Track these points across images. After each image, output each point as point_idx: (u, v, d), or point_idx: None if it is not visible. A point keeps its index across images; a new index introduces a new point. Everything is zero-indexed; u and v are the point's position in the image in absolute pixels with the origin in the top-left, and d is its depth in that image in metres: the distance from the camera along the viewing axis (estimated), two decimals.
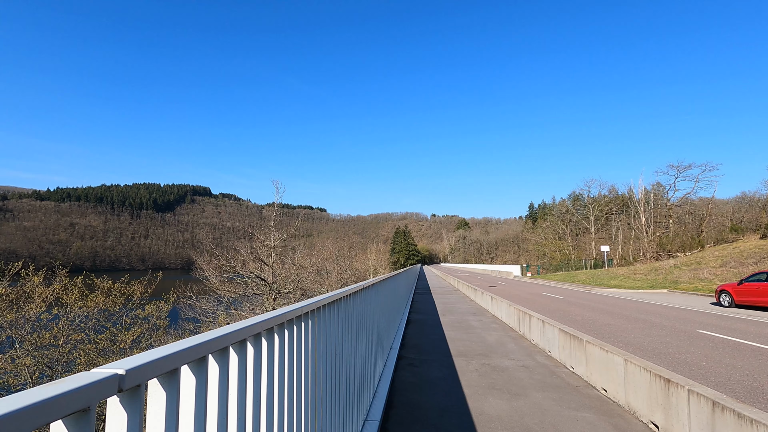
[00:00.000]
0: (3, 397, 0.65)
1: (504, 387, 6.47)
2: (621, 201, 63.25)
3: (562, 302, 19.97)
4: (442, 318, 14.59)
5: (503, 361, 8.16)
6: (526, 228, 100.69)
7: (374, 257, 51.57)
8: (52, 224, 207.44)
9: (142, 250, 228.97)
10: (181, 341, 1.09)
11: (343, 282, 29.09)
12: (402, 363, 7.98)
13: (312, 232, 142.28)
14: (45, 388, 0.70)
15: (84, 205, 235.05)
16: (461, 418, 5.20)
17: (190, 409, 1.09)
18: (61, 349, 10.49)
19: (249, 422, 1.43)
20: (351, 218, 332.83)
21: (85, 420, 0.74)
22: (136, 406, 0.88)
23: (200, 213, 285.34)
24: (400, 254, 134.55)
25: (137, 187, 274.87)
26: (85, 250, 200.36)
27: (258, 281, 19.88)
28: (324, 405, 2.54)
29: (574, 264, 57.56)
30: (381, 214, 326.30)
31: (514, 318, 12.10)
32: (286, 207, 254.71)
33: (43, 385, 0.72)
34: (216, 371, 1.23)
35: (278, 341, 1.75)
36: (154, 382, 0.98)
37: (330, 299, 2.75)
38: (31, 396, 0.65)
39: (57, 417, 0.69)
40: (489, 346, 9.74)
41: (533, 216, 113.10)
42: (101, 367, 0.84)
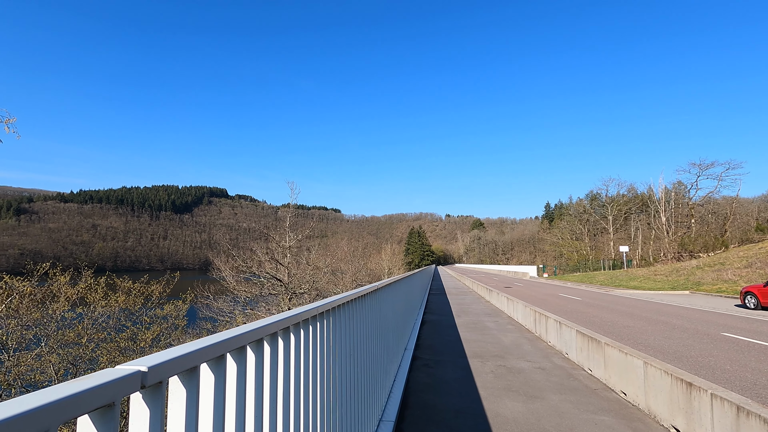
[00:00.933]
0: (31, 392, 0.68)
1: (520, 389, 6.40)
2: (640, 200, 61.88)
3: (579, 303, 19.64)
4: (457, 319, 14.51)
5: (519, 363, 8.08)
6: (543, 228, 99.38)
7: (388, 258, 51.57)
8: (75, 226, 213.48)
9: (161, 250, 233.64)
10: (200, 340, 1.12)
11: (357, 282, 29.17)
12: (417, 364, 7.97)
13: (327, 232, 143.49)
14: (72, 383, 0.73)
15: (105, 206, 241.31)
16: (476, 419, 5.17)
17: (209, 406, 1.12)
18: (84, 347, 10.79)
19: (266, 420, 1.45)
20: (365, 219, 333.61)
21: (109, 415, 0.77)
22: (158, 402, 0.90)
23: (217, 214, 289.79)
24: (414, 255, 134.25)
25: (156, 189, 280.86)
26: (106, 251, 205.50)
27: (274, 281, 20.09)
28: (339, 404, 2.56)
29: (592, 265, 56.54)
30: (395, 215, 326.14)
31: (530, 319, 11.96)
32: (301, 208, 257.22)
33: (69, 381, 0.75)
34: (234, 369, 1.26)
35: (294, 341, 1.77)
36: (175, 379, 1.01)
37: (345, 299, 2.77)
38: (59, 391, 0.68)
39: (83, 411, 0.72)
40: (505, 347, 9.64)
41: (549, 216, 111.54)
42: (125, 363, 0.87)
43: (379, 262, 48.64)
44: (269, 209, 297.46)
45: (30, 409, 0.60)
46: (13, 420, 0.58)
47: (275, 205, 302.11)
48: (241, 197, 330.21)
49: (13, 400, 0.63)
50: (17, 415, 0.58)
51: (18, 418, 0.58)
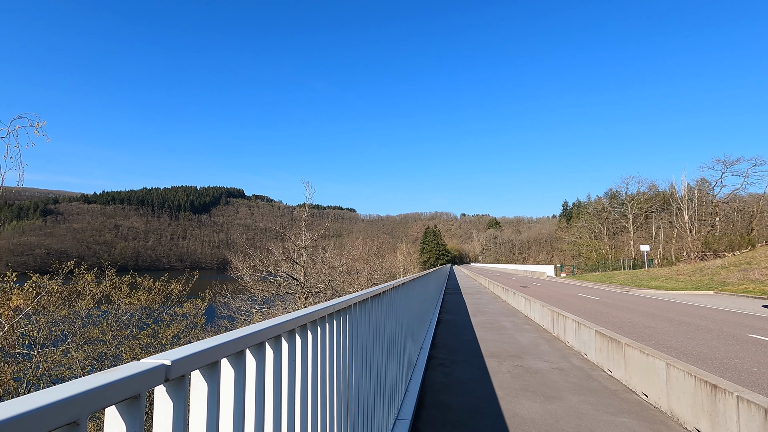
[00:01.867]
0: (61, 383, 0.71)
1: (538, 389, 6.33)
2: (662, 198, 60.34)
3: (598, 303, 19.28)
4: (473, 318, 14.41)
5: (537, 363, 7.98)
6: (560, 227, 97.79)
7: (404, 257, 51.49)
8: (98, 226, 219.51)
9: (181, 250, 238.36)
10: (221, 335, 1.15)
11: (372, 281, 29.23)
12: (432, 363, 7.95)
13: (342, 232, 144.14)
14: (100, 375, 0.75)
15: (127, 207, 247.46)
16: (493, 419, 5.13)
17: (230, 400, 1.14)
18: (108, 344, 11.09)
19: (284, 414, 1.47)
20: (380, 218, 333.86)
21: (135, 406, 0.80)
22: (181, 395, 0.93)
23: (234, 214, 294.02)
24: (429, 254, 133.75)
25: (175, 190, 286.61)
26: (128, 251, 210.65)
27: (290, 280, 20.29)
28: (356, 401, 2.58)
29: (612, 264, 55.41)
30: (410, 214, 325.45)
31: (547, 319, 11.80)
32: (316, 208, 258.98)
33: (98, 373, 0.78)
34: (253, 365, 1.28)
35: (311, 338, 1.79)
36: (197, 373, 1.04)
37: (360, 298, 2.79)
38: (88, 382, 0.70)
39: (111, 403, 0.74)
40: (522, 347, 9.54)
41: (567, 215, 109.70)
42: (149, 357, 0.90)
43: (394, 262, 48.62)
44: (285, 209, 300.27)
45: (61, 399, 0.63)
46: (45, 409, 0.60)
47: (291, 205, 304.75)
48: (257, 197, 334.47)
49: (45, 391, 0.66)
50: (49, 404, 0.61)
51: (49, 408, 0.61)
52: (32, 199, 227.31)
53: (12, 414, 0.56)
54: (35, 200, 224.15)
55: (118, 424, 0.79)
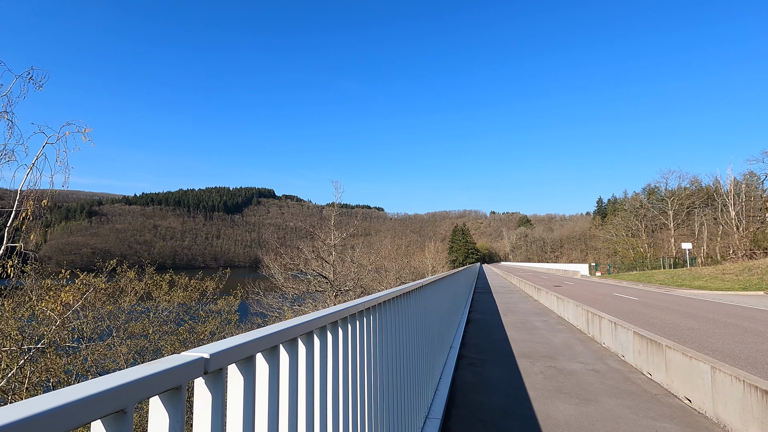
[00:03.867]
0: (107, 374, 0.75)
1: (572, 391, 6.16)
2: (705, 193, 57.25)
3: (636, 304, 18.53)
4: (503, 318, 14.17)
5: (571, 364, 7.76)
6: (595, 224, 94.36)
7: (432, 256, 51.19)
8: (138, 226, 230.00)
9: (215, 249, 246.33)
10: (255, 331, 1.18)
11: (401, 280, 29.23)
12: (462, 362, 7.88)
13: (370, 231, 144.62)
14: (145, 367, 0.79)
15: (165, 208, 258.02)
16: (526, 421, 5.03)
17: (264, 393, 1.17)
18: (149, 339, 11.61)
19: (317, 409, 1.50)
20: (408, 217, 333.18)
21: (177, 397, 0.83)
22: (219, 387, 0.96)
23: (265, 214, 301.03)
24: (458, 253, 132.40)
25: (209, 191, 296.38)
26: (166, 250, 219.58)
27: (320, 279, 20.58)
28: (386, 397, 2.59)
29: (650, 263, 53.08)
30: (438, 212, 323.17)
31: (582, 319, 11.45)
32: (344, 207, 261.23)
33: (142, 365, 0.82)
34: (286, 360, 1.31)
35: (341, 334, 1.82)
36: (233, 367, 1.07)
37: (390, 296, 2.79)
38: (136, 372, 0.74)
39: (155, 392, 0.78)
40: (555, 347, 9.30)
41: (602, 211, 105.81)
42: (189, 351, 0.94)
43: (422, 260, 48.42)
44: (314, 208, 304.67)
45: (111, 388, 0.67)
46: (97, 396, 0.64)
47: (320, 204, 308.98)
48: (287, 197, 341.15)
49: (97, 379, 0.70)
50: (101, 392, 0.65)
51: (101, 395, 0.65)
52: (79, 201, 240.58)
53: (68, 400, 0.60)
54: (81, 202, 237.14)
55: (162, 413, 0.83)
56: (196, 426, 0.96)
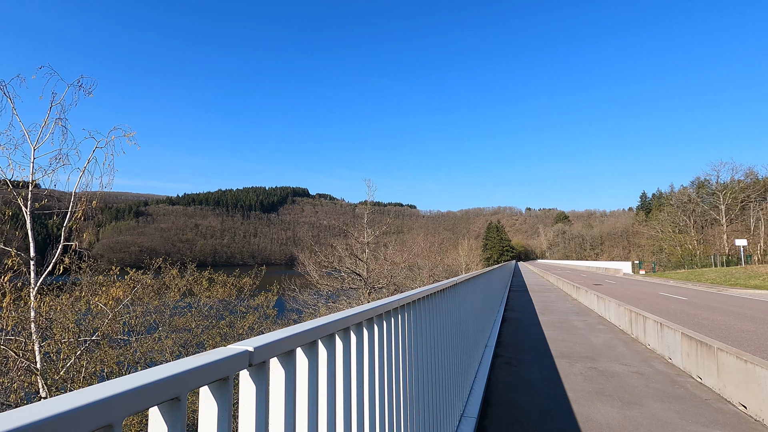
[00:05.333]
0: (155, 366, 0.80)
1: (614, 393, 5.93)
2: (762, 186, 53.36)
3: (684, 304, 17.57)
4: (540, 317, 13.82)
5: (613, 366, 7.47)
6: (638, 220, 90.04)
7: (466, 253, 50.57)
8: (181, 225, 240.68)
9: (252, 247, 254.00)
10: (295, 326, 1.22)
11: (434, 278, 29.07)
12: (498, 362, 7.76)
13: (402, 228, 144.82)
14: (195, 358, 0.84)
15: (205, 208, 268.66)
16: (565, 422, 4.89)
17: (304, 386, 1.21)
18: (192, 332, 12.16)
19: (354, 404, 1.53)
20: (441, 214, 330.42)
21: (225, 387, 0.88)
22: (263, 379, 1.01)
23: (300, 212, 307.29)
24: (492, 250, 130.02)
25: (247, 191, 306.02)
26: (207, 248, 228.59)
27: (353, 276, 20.81)
28: (421, 395, 2.60)
29: (700, 260, 50.10)
30: (472, 209, 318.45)
31: (624, 319, 10.99)
32: (377, 205, 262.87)
33: (193, 356, 0.87)
34: (324, 355, 1.35)
35: (377, 331, 1.84)
36: (275, 360, 1.11)
37: (424, 293, 2.80)
38: (187, 363, 0.79)
39: (205, 383, 0.83)
40: (595, 348, 8.98)
41: (646, 207, 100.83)
42: (234, 344, 0.98)
43: (456, 258, 47.92)
44: (347, 207, 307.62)
45: (167, 377, 0.71)
46: (154, 384, 0.69)
47: (353, 202, 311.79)
48: (321, 196, 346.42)
49: (153, 369, 0.75)
50: (158, 380, 0.69)
51: (159, 383, 0.70)
52: (127, 202, 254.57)
53: (129, 387, 0.65)
54: (129, 203, 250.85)
55: (211, 403, 0.87)
56: (241, 416, 1.01)
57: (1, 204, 7.82)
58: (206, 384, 0.84)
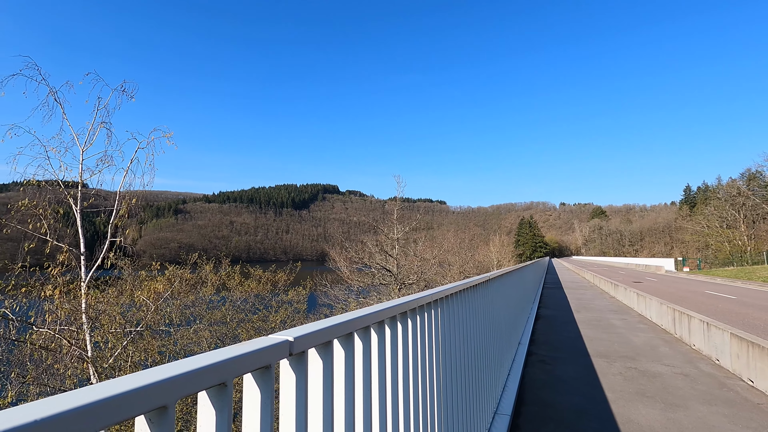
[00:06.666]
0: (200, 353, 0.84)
1: (657, 395, 5.69)
2: None
3: (734, 303, 16.60)
4: (576, 315, 13.43)
5: (655, 366, 7.17)
6: (681, 215, 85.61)
7: (497, 249, 49.71)
8: (217, 222, 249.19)
9: (284, 243, 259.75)
10: (332, 318, 1.24)
11: (465, 274, 28.77)
12: (532, 359, 7.61)
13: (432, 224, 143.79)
14: (240, 346, 0.87)
15: (239, 205, 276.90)
16: (603, 423, 4.75)
17: (341, 377, 1.23)
18: (228, 326, 12.58)
19: (389, 395, 1.55)
20: (471, 210, 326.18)
21: (267, 375, 0.91)
22: (302, 368, 1.03)
23: (330, 209, 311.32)
24: (525, 246, 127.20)
25: (279, 189, 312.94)
26: (241, 244, 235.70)
27: (384, 272, 20.90)
28: (453, 390, 2.59)
29: (751, 257, 47.14)
30: (503, 205, 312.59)
31: (667, 318, 10.52)
32: (406, 201, 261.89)
33: (237, 344, 0.90)
34: (360, 347, 1.36)
35: (411, 325, 1.84)
36: (313, 351, 1.14)
37: (457, 288, 2.78)
38: (232, 351, 0.82)
39: (248, 370, 0.86)
40: (635, 348, 8.65)
41: (690, 201, 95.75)
42: (274, 334, 1.01)
43: (487, 254, 47.21)
44: (377, 203, 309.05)
45: (214, 363, 0.75)
46: (205, 369, 0.72)
47: (382, 198, 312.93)
48: (351, 192, 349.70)
49: (201, 355, 0.79)
50: (206, 366, 0.73)
51: (207, 369, 0.73)
52: (166, 200, 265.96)
53: (181, 371, 0.68)
54: (169, 201, 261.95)
55: (254, 390, 0.90)
56: (282, 403, 1.04)
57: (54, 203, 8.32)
58: (250, 371, 0.87)
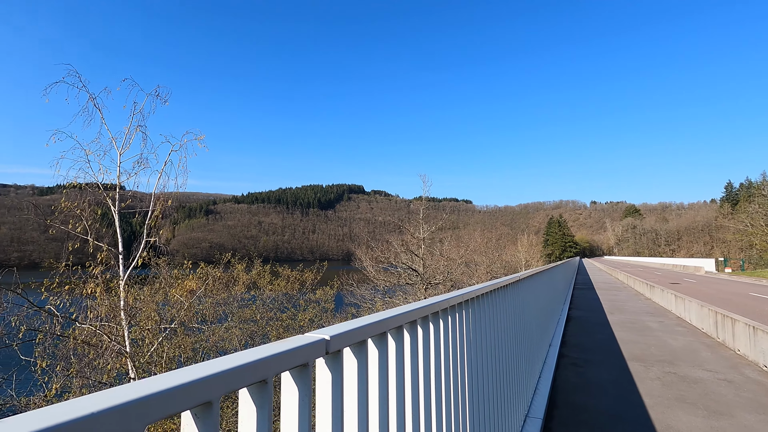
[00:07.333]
0: (239, 351, 0.85)
1: (698, 401, 5.44)
2: None
3: None
4: (609, 316, 13.00)
5: (695, 372, 6.85)
6: (723, 213, 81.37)
7: (525, 249, 48.65)
8: (246, 222, 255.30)
9: (311, 243, 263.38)
10: (366, 317, 1.24)
11: (492, 274, 28.34)
12: (563, 362, 7.41)
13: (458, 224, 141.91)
14: (279, 344, 0.88)
15: (267, 206, 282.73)
16: (640, 429, 4.57)
17: (375, 376, 1.23)
18: (258, 324, 12.85)
19: (421, 395, 1.53)
20: (498, 209, 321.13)
21: (305, 373, 0.91)
22: (338, 367, 1.04)
23: (356, 209, 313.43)
24: (554, 246, 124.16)
25: (305, 189, 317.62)
26: (269, 244, 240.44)
27: (410, 272, 20.84)
28: (483, 391, 2.55)
29: None
30: (531, 204, 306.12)
31: (709, 321, 10.03)
32: (432, 200, 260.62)
33: (275, 343, 0.91)
34: (393, 347, 1.36)
35: (443, 325, 1.82)
36: (348, 350, 1.14)
37: (487, 289, 2.73)
38: (272, 348, 0.83)
39: (287, 368, 0.87)
40: (674, 352, 8.29)
41: (732, 198, 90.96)
42: (311, 332, 1.02)
43: (514, 254, 46.28)
44: (402, 203, 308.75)
45: (255, 360, 0.75)
46: (246, 366, 0.73)
47: (407, 198, 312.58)
48: (376, 192, 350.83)
49: (243, 353, 0.80)
50: (249, 363, 0.74)
51: (248, 366, 0.74)
52: (198, 201, 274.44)
53: (224, 368, 0.69)
54: (200, 202, 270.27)
55: (292, 388, 0.91)
56: (318, 402, 1.04)
57: (94, 204, 8.70)
58: (288, 369, 0.88)
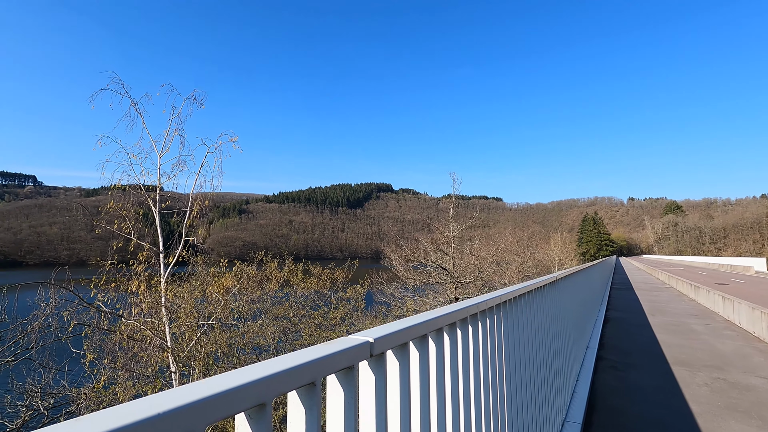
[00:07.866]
0: (283, 355, 0.86)
1: (752, 410, 5.12)
2: None
3: None
4: (650, 318, 12.46)
5: (748, 378, 6.46)
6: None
7: (558, 248, 47.26)
8: (277, 221, 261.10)
9: (340, 241, 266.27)
10: (406, 319, 1.23)
11: (524, 273, 27.73)
12: (602, 365, 7.17)
13: (488, 222, 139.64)
14: (325, 346, 0.89)
15: (297, 205, 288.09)
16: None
17: (416, 379, 1.22)
18: (290, 321, 13.11)
19: (461, 397, 1.52)
20: (529, 206, 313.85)
21: (351, 376, 0.92)
22: (381, 370, 1.03)
23: (384, 208, 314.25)
24: (589, 244, 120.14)
25: (334, 188, 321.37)
26: (300, 242, 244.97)
27: (440, 271, 20.70)
28: (521, 394, 2.50)
29: None
30: (564, 201, 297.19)
31: (761, 324, 9.44)
32: (461, 198, 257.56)
33: (320, 345, 0.92)
34: (433, 349, 1.35)
35: (481, 327, 1.80)
36: (390, 352, 1.14)
37: (524, 290, 2.67)
38: (320, 351, 0.84)
39: (333, 371, 0.87)
40: (723, 356, 7.85)
41: None
42: (354, 334, 1.02)
43: (547, 253, 45.07)
44: (430, 201, 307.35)
45: (304, 363, 0.76)
46: (297, 369, 0.74)
47: (436, 196, 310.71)
48: (404, 191, 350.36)
49: (291, 355, 0.81)
50: (298, 366, 0.74)
51: (299, 369, 0.74)
52: (231, 201, 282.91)
53: (277, 370, 0.70)
54: (233, 202, 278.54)
55: (338, 390, 0.92)
56: (362, 405, 1.04)
57: (136, 205, 9.11)
58: (334, 372, 0.88)
